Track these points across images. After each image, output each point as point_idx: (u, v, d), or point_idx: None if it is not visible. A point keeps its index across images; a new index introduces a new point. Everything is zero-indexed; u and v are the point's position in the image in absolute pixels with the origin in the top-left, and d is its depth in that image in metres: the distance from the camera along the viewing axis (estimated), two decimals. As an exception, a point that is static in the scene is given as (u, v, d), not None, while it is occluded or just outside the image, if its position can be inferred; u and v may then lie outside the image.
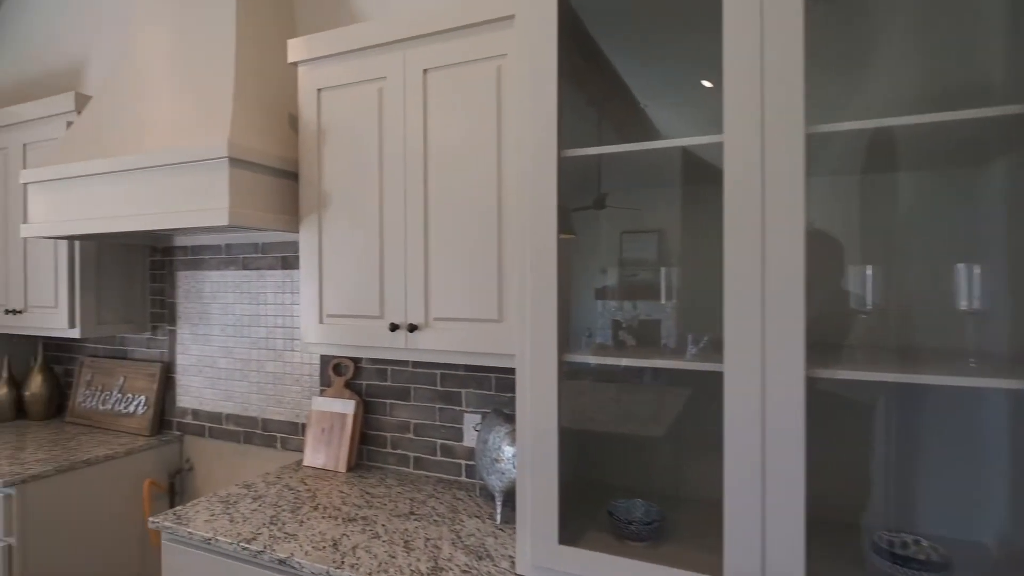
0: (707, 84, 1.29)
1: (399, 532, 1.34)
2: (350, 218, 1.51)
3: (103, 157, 1.64)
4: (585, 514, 1.19)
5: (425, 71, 1.40)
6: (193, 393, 2.23)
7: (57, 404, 2.51)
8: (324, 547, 1.26)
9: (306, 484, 1.66)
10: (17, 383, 2.51)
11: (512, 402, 1.62)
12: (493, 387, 1.65)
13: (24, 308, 2.25)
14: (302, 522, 1.39)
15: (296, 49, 1.57)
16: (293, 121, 1.77)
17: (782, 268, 0.86)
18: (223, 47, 1.69)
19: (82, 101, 2.06)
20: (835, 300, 1.17)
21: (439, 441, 1.73)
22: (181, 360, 2.26)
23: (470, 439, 1.68)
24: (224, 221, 1.44)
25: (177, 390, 2.27)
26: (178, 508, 1.48)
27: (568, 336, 1.30)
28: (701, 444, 1.29)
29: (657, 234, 1.34)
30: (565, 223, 1.09)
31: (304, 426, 1.99)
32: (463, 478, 1.69)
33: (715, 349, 1.10)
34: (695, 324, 1.30)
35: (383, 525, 1.38)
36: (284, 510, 1.47)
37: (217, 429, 2.17)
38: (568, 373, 1.08)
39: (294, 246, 2.01)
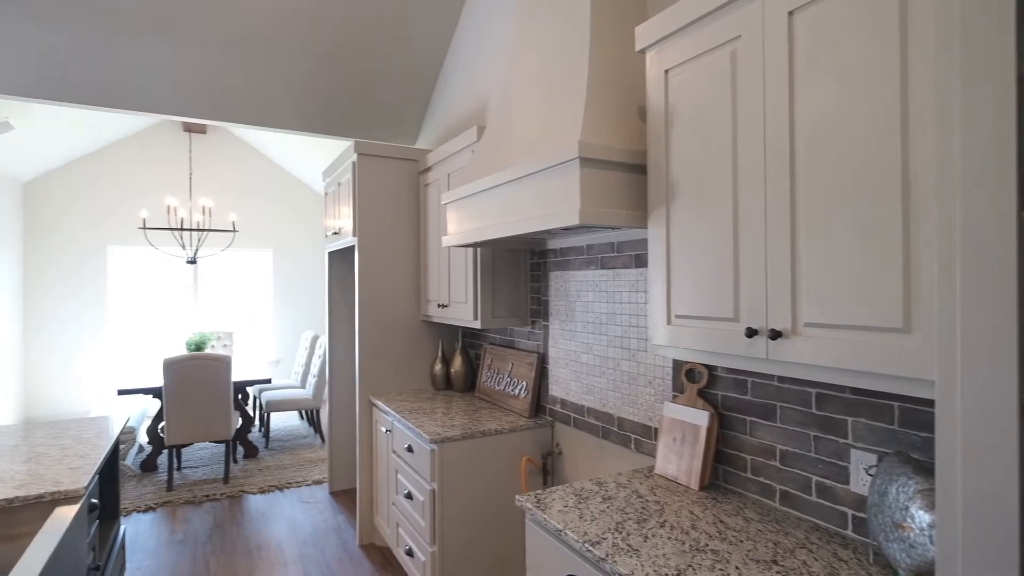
0: None
1: (756, 582, 1.11)
2: (699, 207, 1.34)
3: (485, 177, 1.91)
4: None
5: (791, 14, 1.12)
6: (562, 384, 2.43)
7: (471, 381, 3.12)
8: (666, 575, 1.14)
9: (655, 494, 1.57)
10: (447, 361, 3.22)
11: (926, 445, 1.17)
12: (895, 420, 1.22)
13: (448, 303, 2.86)
14: (647, 537, 1.30)
15: (642, 35, 1.49)
16: (643, 112, 1.71)
17: None
18: (577, 55, 1.75)
19: (482, 132, 2.48)
20: None
21: (814, 477, 1.39)
22: (552, 352, 2.49)
23: (859, 484, 1.29)
24: (575, 221, 1.48)
25: (550, 379, 2.51)
26: (539, 492, 1.59)
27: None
28: None
29: None
30: (1034, 180, 0.67)
31: (656, 430, 1.91)
32: (849, 532, 1.31)
33: None
34: None
35: (736, 568, 1.17)
36: (631, 518, 1.41)
37: (580, 420, 2.30)
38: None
39: (644, 243, 1.95)
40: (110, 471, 2.15)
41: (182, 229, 5.12)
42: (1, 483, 1.61)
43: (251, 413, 5.47)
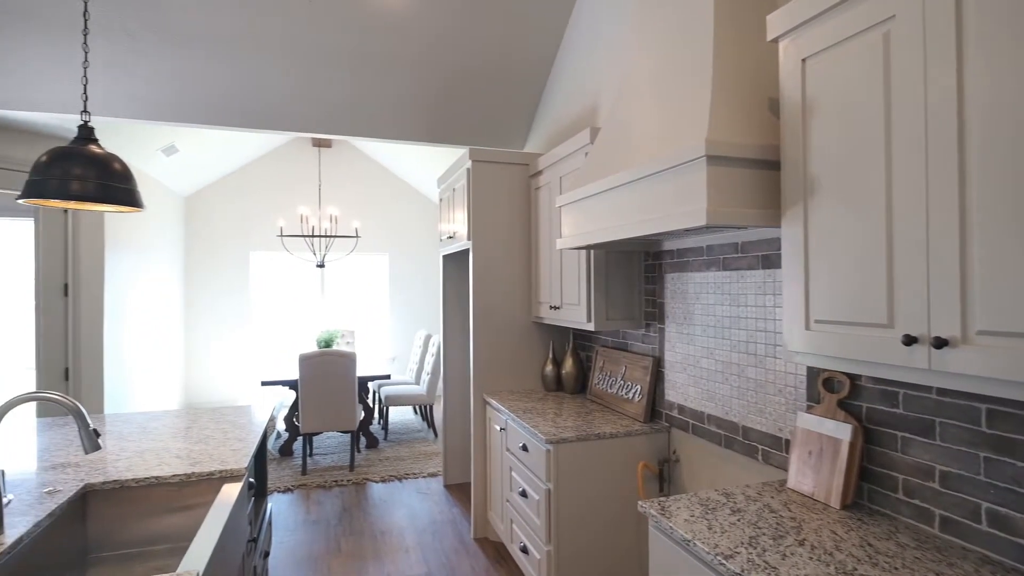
0: None
1: (918, 615, 1.01)
2: (843, 204, 1.24)
3: (602, 179, 1.91)
4: None
5: (960, -13, 1.01)
6: (679, 389, 2.35)
7: (582, 382, 3.12)
8: (810, 596, 1.07)
9: (790, 510, 1.48)
10: (557, 362, 3.25)
11: None
12: (1096, 444, 1.05)
13: (560, 305, 2.88)
14: (784, 555, 1.23)
15: (776, 23, 1.41)
16: (774, 105, 1.61)
17: None
18: (701, 48, 1.69)
19: (595, 134, 2.48)
20: None
21: (985, 504, 1.23)
22: (668, 356, 2.42)
23: (1046, 514, 1.13)
24: (702, 221, 1.43)
25: (665, 384, 2.44)
26: (663, 499, 1.55)
27: None
28: None
29: None
30: None
31: (788, 442, 1.79)
32: (1031, 569, 1.15)
33: None
34: None
35: (893, 596, 1.07)
36: (765, 534, 1.34)
37: (699, 427, 2.22)
38: None
39: (774, 243, 1.84)
40: (260, 454, 2.41)
41: (312, 236, 5.60)
42: (180, 460, 1.86)
43: (371, 406, 5.85)
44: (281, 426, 5.61)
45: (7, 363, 3.77)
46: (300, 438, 5.07)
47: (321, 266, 5.72)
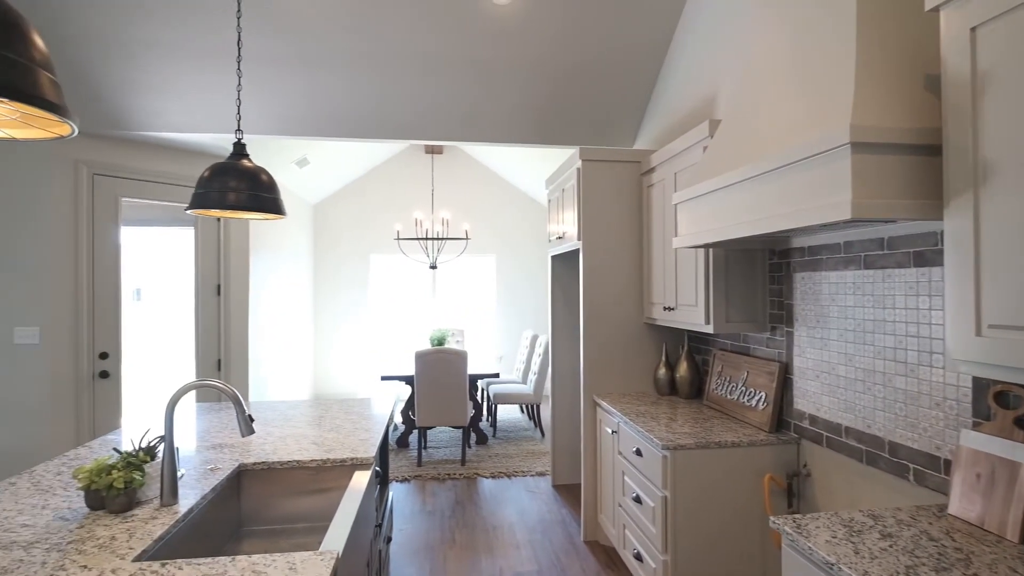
0: None
1: None
2: (1029, 191, 1.07)
3: (725, 173, 1.80)
4: None
5: None
6: (810, 398, 2.17)
7: (697, 387, 2.98)
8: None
9: (954, 540, 1.30)
10: (671, 365, 3.13)
11: None
12: None
13: (675, 306, 2.77)
14: (950, 590, 1.08)
15: (937, -10, 1.25)
16: (931, 82, 1.43)
17: None
18: (842, 24, 1.54)
19: (714, 127, 2.35)
20: None
21: None
22: (798, 362, 2.24)
23: None
24: (846, 215, 1.30)
25: (794, 392, 2.26)
26: (798, 517, 1.44)
27: None
28: None
29: None
30: None
31: (948, 463, 1.58)
32: None
33: None
34: None
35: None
36: (924, 564, 1.19)
37: (835, 441, 2.03)
38: None
39: (930, 238, 1.63)
40: (382, 444, 2.56)
41: (427, 239, 5.86)
42: (316, 446, 2.02)
43: (480, 404, 6.01)
44: (398, 419, 5.93)
45: (177, 353, 4.33)
46: (415, 431, 5.33)
47: (434, 267, 5.98)
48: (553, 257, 4.12)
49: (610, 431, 2.90)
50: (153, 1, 2.90)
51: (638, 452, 2.46)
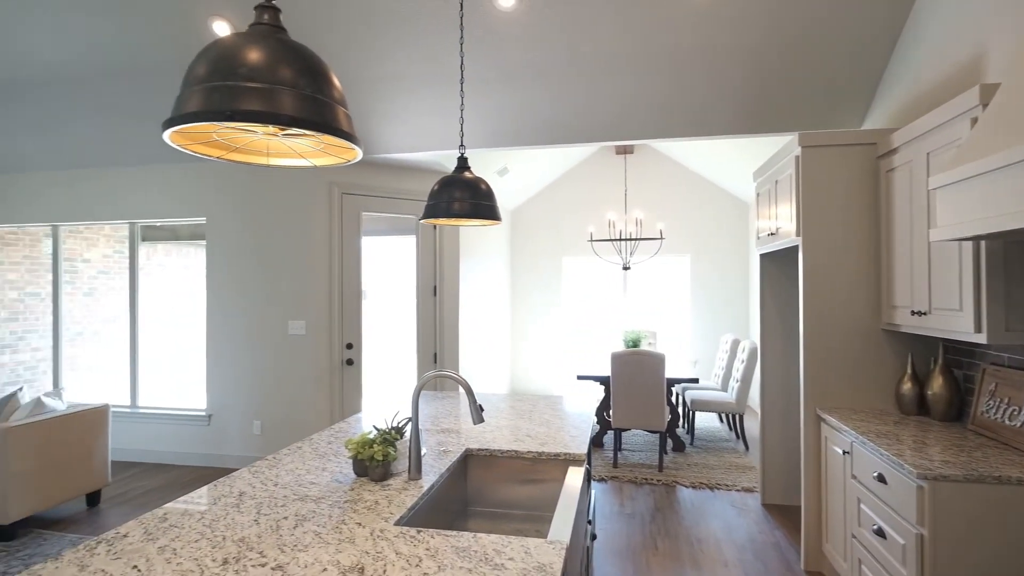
0: None
1: None
2: None
3: (1008, 148, 1.47)
4: None
5: None
6: None
7: (957, 408, 2.48)
8: None
9: None
10: (920, 381, 2.66)
11: None
12: None
13: (928, 310, 2.35)
14: None
15: None
16: None
17: None
18: None
19: (988, 92, 1.94)
20: None
21: None
22: (1123, 385, 1.74)
23: None
24: None
25: (1116, 422, 1.76)
26: None
27: None
28: None
29: None
30: None
31: None
32: None
33: None
34: None
35: None
36: None
37: None
38: None
39: None
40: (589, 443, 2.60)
41: (620, 240, 5.84)
42: (531, 439, 2.13)
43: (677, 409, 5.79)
44: (593, 419, 5.99)
45: (397, 346, 4.96)
46: (610, 432, 5.33)
47: (627, 268, 5.92)
48: (762, 256, 3.79)
49: (840, 451, 2.56)
50: (384, 41, 3.35)
51: (880, 478, 2.13)
